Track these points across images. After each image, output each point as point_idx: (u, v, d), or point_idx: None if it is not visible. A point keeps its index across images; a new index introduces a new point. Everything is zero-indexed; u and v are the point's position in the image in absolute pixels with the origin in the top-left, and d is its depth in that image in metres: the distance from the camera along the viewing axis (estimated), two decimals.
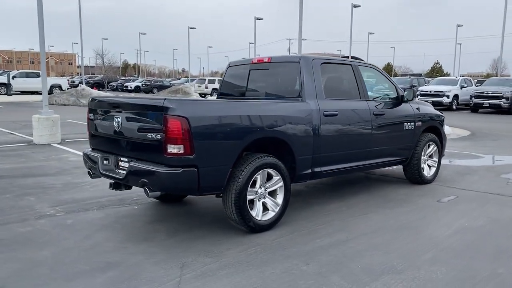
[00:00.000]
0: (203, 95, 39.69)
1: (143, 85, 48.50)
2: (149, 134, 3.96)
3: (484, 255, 3.93)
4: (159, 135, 3.87)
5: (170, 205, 5.50)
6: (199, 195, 4.25)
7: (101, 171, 4.56)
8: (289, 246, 4.10)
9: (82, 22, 35.65)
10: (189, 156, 3.84)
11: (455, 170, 7.71)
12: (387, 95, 6.19)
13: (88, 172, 4.85)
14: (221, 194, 4.34)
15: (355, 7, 37.61)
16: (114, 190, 4.61)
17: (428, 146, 6.65)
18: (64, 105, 25.33)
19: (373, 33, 54.03)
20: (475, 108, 22.38)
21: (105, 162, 4.60)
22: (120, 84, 50.89)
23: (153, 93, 45.65)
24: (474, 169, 7.95)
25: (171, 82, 51.36)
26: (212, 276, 3.46)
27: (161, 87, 47.14)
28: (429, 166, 6.78)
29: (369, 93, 5.85)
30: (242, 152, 4.27)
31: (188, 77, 60.61)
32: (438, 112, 7.03)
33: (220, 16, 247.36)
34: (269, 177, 4.51)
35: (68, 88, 33.54)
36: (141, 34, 64.55)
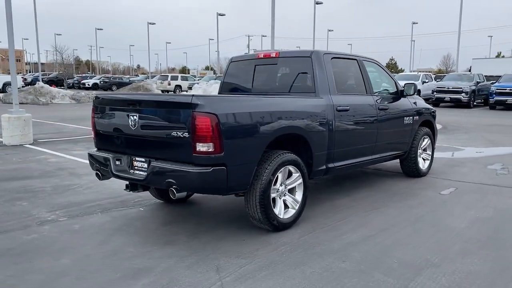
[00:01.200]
0: (165, 92, 38.94)
1: (102, 82, 46.95)
2: (175, 133, 3.77)
3: (509, 245, 4.03)
4: (187, 133, 3.69)
5: (177, 206, 5.30)
6: (225, 195, 4.10)
7: (114, 172, 4.32)
8: (317, 244, 4.03)
9: (35, 17, 33.96)
10: (218, 154, 3.70)
11: (442, 163, 7.92)
12: (387, 89, 6.24)
13: (97, 174, 4.58)
14: (242, 193, 4.22)
15: (317, 3, 38.02)
16: (130, 191, 4.38)
17: (423, 140, 6.78)
18: (22, 103, 24.07)
19: (332, 30, 54.88)
20: (436, 103, 23.18)
21: (117, 162, 4.36)
22: (76, 82, 49.03)
23: (112, 90, 44.33)
24: (461, 161, 8.20)
25: (130, 79, 50.04)
26: (252, 278, 3.35)
27: (121, 84, 45.81)
28: (424, 159, 6.91)
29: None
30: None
31: (148, 74, 59.35)
32: (430, 106, 7.19)
33: (178, 11, 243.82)
34: (289, 174, 4.43)
35: (22, 86, 31.96)
36: (98, 29, 62.51)
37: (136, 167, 4.25)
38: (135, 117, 4.09)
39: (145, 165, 4.14)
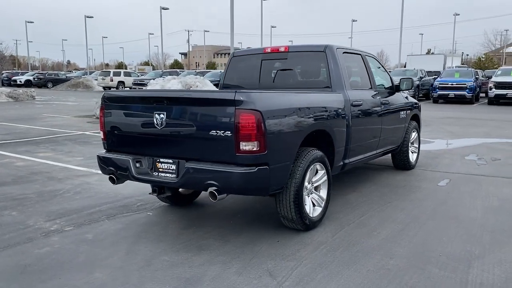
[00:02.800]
0: (107, 88, 37.38)
1: (35, 79, 44.13)
2: (214, 131, 3.54)
3: None
4: (229, 132, 3.47)
5: (186, 209, 5.04)
6: (265, 195, 3.91)
7: (136, 175, 3.99)
8: (354, 242, 3.97)
9: None
10: (262, 153, 3.51)
11: (422, 155, 8.15)
12: (382, 84, 6.32)
13: (110, 178, 4.21)
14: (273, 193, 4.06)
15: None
16: (156, 195, 4.07)
17: (412, 133, 6.95)
18: None
19: (275, 27, 55.40)
20: None
21: (137, 165, 4.03)
22: (6, 78, 45.64)
23: (48, 87, 41.85)
24: (438, 153, 8.52)
25: (67, 75, 47.48)
26: (313, 281, 3.22)
27: (57, 81, 43.42)
28: (412, 153, 7.09)
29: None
30: None
31: (86, 70, 56.60)
32: (416, 100, 7.39)
33: (113, 5, 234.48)
34: (315, 172, 4.33)
35: None
36: (28, 22, 58.59)
37: (160, 169, 3.95)
38: (162, 115, 3.79)
39: (173, 167, 3.86)
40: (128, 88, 33.56)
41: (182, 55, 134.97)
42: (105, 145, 4.38)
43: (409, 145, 6.85)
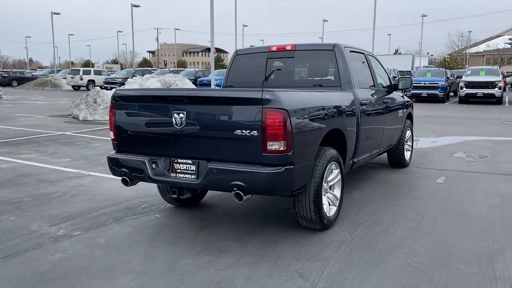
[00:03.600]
0: (76, 87, 36.40)
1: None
2: (238, 131, 3.46)
3: None
4: (255, 132, 3.40)
5: (194, 210, 4.94)
6: (289, 196, 3.85)
7: (153, 177, 3.86)
8: (374, 241, 3.97)
9: None
10: (288, 153, 3.47)
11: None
12: (381, 83, 6.37)
13: (123, 180, 4.07)
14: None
15: None
16: (175, 197, 3.95)
17: (407, 132, 7.06)
18: None
19: (247, 26, 55.35)
20: None
21: (153, 166, 3.90)
22: None
23: (13, 86, 40.33)
24: (426, 151, 8.69)
25: (33, 74, 45.88)
26: (345, 281, 3.20)
27: (22, 79, 41.92)
28: (406, 151, 7.20)
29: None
30: None
31: (54, 68, 54.90)
32: (408, 98, 7.50)
33: (81, 1, 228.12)
34: (331, 171, 4.32)
35: None
36: None
37: (178, 170, 3.84)
38: (181, 114, 3.68)
39: (193, 167, 3.76)
40: (98, 88, 32.56)
41: (150, 53, 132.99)
42: (115, 146, 4.22)
43: (404, 143, 6.95)
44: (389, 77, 6.45)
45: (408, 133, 7.13)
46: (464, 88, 21.59)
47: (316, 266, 3.44)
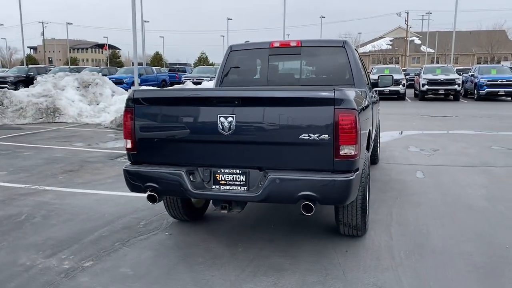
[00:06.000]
0: None
1: None
2: (305, 135, 3.09)
3: None
4: (326, 135, 3.07)
5: (199, 223, 4.44)
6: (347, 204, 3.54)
7: (193, 190, 3.31)
8: (418, 243, 3.86)
9: None
10: (357, 157, 3.20)
11: None
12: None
13: (150, 196, 3.44)
14: None
15: None
16: (224, 211, 3.43)
17: (378, 128, 7.17)
18: None
19: (148, 21, 52.99)
20: None
21: (191, 178, 3.36)
22: None
23: None
24: (381, 146, 8.95)
25: None
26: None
27: None
28: (378, 147, 7.32)
29: None
30: None
31: None
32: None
33: None
34: None
35: None
36: None
37: (222, 182, 3.35)
38: (230, 118, 3.20)
39: (242, 178, 3.31)
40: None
41: (31, 49, 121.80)
42: (132, 157, 3.56)
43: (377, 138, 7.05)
44: (368, 76, 6.46)
45: (378, 130, 7.25)
46: (426, 86, 22.16)
47: (389, 277, 3.23)
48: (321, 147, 3.09)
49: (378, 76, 6.42)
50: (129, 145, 3.54)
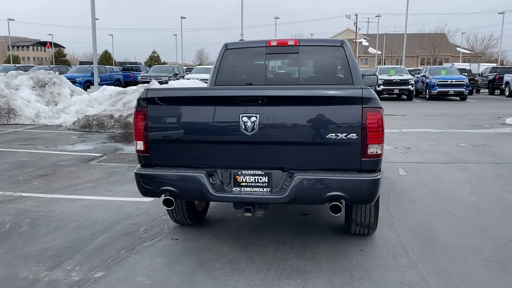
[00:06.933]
0: None
1: None
2: (333, 134, 3.05)
3: None
4: (354, 134, 3.04)
5: (205, 227, 4.30)
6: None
7: (214, 193, 3.18)
8: (427, 239, 3.94)
9: None
10: (382, 156, 3.20)
11: None
12: None
13: (167, 201, 3.27)
14: None
15: None
16: (248, 214, 3.30)
17: None
18: None
19: (98, 19, 51.11)
20: None
21: (211, 180, 3.23)
22: None
23: None
24: None
25: None
26: (458, 286, 3.07)
27: None
28: None
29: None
30: None
31: None
32: None
33: None
34: None
35: None
36: None
37: (243, 184, 3.24)
38: (253, 118, 3.10)
39: (264, 179, 3.22)
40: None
41: None
42: (144, 159, 3.37)
43: None
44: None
45: None
46: (382, 86, 22.56)
47: (412, 274, 3.26)
48: (348, 147, 3.07)
49: (363, 76, 6.49)
50: (140, 147, 3.35)
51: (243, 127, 3.12)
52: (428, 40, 68.07)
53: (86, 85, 23.35)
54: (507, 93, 24.20)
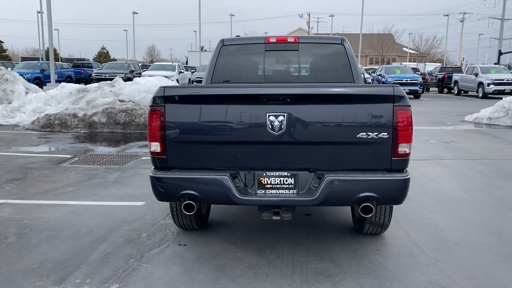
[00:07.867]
0: None
1: None
2: (363, 133, 2.97)
3: None
4: (385, 133, 2.98)
5: (211, 230, 4.11)
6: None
7: (239, 197, 3.02)
8: (436, 237, 3.97)
9: None
10: (410, 156, 3.16)
11: None
12: None
13: (188, 205, 3.07)
14: None
15: None
16: (276, 217, 3.15)
17: None
18: None
19: (43, 12, 48.53)
20: None
21: (235, 183, 3.06)
22: None
23: None
24: None
25: None
26: (485, 284, 3.10)
27: None
28: None
29: None
30: None
31: None
32: None
33: None
34: None
35: None
36: None
37: (268, 186, 3.10)
38: (281, 117, 2.97)
39: (290, 181, 3.10)
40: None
41: None
42: (160, 162, 3.14)
43: None
44: None
45: None
46: None
47: (437, 273, 3.26)
48: (379, 146, 3.01)
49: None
50: (156, 149, 3.12)
51: (270, 126, 2.98)
52: (377, 40, 70.27)
53: (36, 82, 22.13)
54: (456, 91, 25.43)
